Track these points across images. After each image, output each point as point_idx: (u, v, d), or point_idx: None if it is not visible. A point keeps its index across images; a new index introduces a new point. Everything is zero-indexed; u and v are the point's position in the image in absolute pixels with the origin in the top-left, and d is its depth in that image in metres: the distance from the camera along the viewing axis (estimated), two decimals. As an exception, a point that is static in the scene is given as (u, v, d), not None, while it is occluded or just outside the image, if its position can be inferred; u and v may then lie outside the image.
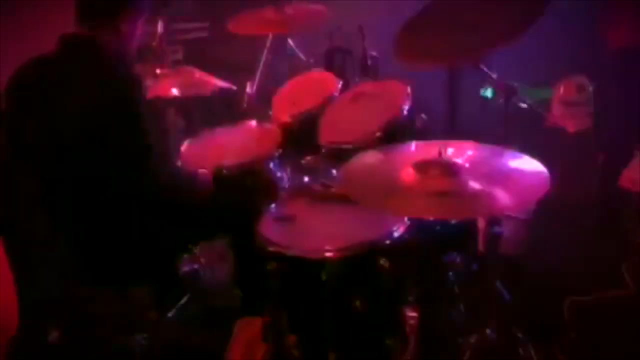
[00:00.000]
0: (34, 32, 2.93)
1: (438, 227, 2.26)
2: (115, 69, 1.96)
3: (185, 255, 2.66)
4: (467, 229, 2.26)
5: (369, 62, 2.40)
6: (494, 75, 2.12)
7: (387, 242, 1.85)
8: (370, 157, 1.89)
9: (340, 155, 2.10)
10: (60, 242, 2.13)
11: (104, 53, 1.95)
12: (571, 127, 2.90)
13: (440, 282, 2.30)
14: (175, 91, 2.84)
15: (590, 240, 2.69)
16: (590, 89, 2.97)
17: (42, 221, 2.14)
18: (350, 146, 2.16)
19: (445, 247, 2.29)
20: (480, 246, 2.17)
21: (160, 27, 2.90)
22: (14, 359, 1.83)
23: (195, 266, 2.66)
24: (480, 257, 2.20)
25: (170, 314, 2.52)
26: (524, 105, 2.24)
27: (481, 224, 2.13)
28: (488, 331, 2.10)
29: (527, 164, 1.75)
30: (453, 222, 2.27)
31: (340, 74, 2.55)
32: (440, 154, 1.71)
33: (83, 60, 1.94)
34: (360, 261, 1.85)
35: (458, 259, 2.35)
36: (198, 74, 2.97)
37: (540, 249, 2.71)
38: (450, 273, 2.35)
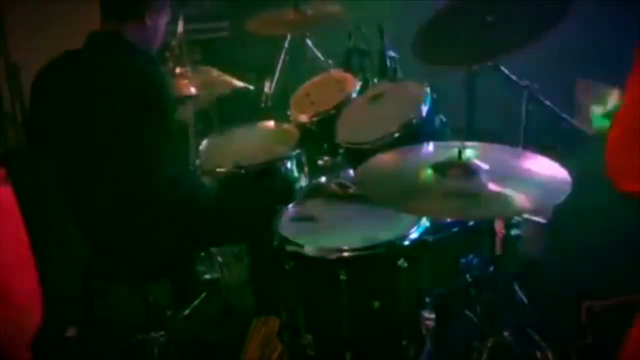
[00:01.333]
0: (59, 25, 2.98)
1: (456, 229, 2.27)
2: (144, 63, 1.98)
3: (203, 254, 2.69)
4: (484, 231, 2.26)
5: (388, 62, 2.39)
6: (514, 77, 2.11)
7: (406, 242, 1.85)
8: (388, 158, 1.88)
9: (358, 156, 2.10)
10: (79, 238, 2.15)
11: (132, 48, 1.97)
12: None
13: (457, 284, 2.30)
14: (193, 90, 2.85)
15: (609, 244, 2.66)
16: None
17: (62, 216, 2.17)
18: (368, 146, 2.17)
19: (462, 248, 2.29)
20: (498, 248, 2.16)
21: (179, 26, 2.91)
22: (32, 353, 1.85)
23: (216, 275, 2.68)
24: (497, 259, 2.19)
25: (187, 312, 2.54)
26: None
27: (499, 225, 2.12)
28: (505, 334, 2.09)
29: (548, 167, 1.74)
30: (471, 223, 2.28)
31: (358, 75, 2.54)
32: (459, 154, 1.70)
33: (112, 55, 1.96)
34: (379, 261, 1.84)
35: (475, 261, 2.35)
36: (216, 73, 2.98)
37: (558, 251, 2.69)
38: (467, 275, 2.35)
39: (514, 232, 2.01)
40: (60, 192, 2.11)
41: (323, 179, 2.30)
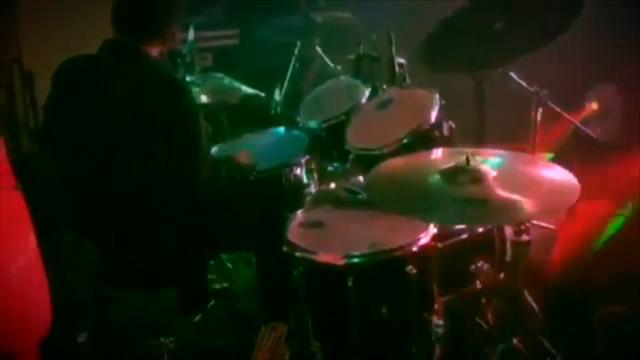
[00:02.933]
0: (74, 35, 3.02)
1: (465, 235, 2.26)
2: (165, 70, 2.03)
3: (212, 261, 2.70)
4: (494, 237, 2.24)
5: (397, 69, 2.40)
6: (524, 83, 2.10)
7: (414, 249, 1.85)
8: (397, 164, 1.89)
9: (367, 162, 2.11)
10: (91, 244, 2.17)
11: (147, 57, 2.00)
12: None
13: (467, 290, 2.28)
14: (204, 98, 2.87)
15: (622, 250, 2.63)
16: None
17: (74, 222, 2.18)
18: (377, 152, 2.17)
19: (472, 255, 2.27)
20: (508, 254, 2.15)
21: (190, 34, 2.94)
22: (44, 359, 1.86)
23: (226, 284, 2.69)
24: (508, 265, 2.18)
25: (197, 318, 2.54)
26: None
27: (509, 231, 2.11)
28: (515, 341, 2.07)
29: (557, 173, 1.73)
30: (480, 229, 2.27)
31: (368, 81, 2.55)
32: (467, 161, 1.70)
33: (130, 62, 1.98)
34: (387, 268, 1.84)
35: (485, 267, 2.34)
36: (227, 80, 3.01)
37: (570, 256, 2.67)
38: (477, 281, 2.34)
39: (523, 238, 1.99)
40: (75, 196, 2.12)
41: (332, 185, 2.30)
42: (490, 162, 1.76)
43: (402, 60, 2.41)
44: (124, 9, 2.01)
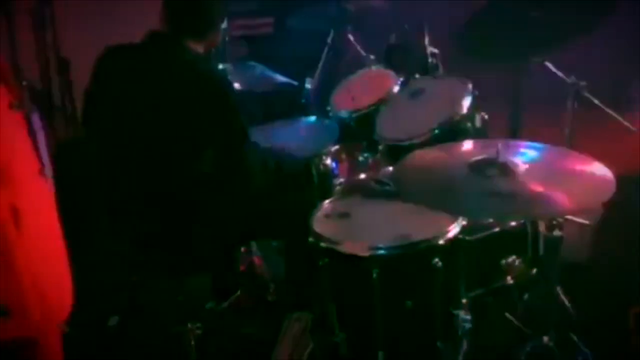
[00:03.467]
0: (109, 21, 3.06)
1: (497, 229, 2.22)
2: (206, 63, 2.06)
3: (243, 249, 2.71)
4: (527, 232, 2.19)
5: (430, 59, 2.36)
6: (561, 74, 2.04)
7: (441, 242, 1.81)
8: (426, 155, 1.86)
9: (397, 152, 2.08)
10: (122, 230, 2.20)
11: (190, 51, 2.01)
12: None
13: (497, 286, 2.24)
14: (237, 85, 2.87)
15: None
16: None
17: (109, 207, 2.21)
18: (407, 143, 2.14)
19: (504, 249, 2.23)
20: (541, 250, 2.10)
21: (224, 23, 2.93)
22: (75, 340, 1.90)
23: (252, 259, 2.70)
24: (540, 261, 2.13)
25: (225, 304, 2.56)
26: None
27: (542, 226, 2.05)
28: (545, 339, 2.02)
29: (592, 167, 1.68)
30: (513, 224, 2.22)
31: (400, 71, 2.51)
32: (497, 153, 1.66)
33: (174, 54, 2.00)
34: (413, 260, 1.82)
35: (517, 262, 2.29)
36: (260, 69, 3.00)
37: (605, 255, 2.60)
38: (509, 277, 2.29)
39: (556, 233, 1.94)
40: (107, 182, 2.15)
41: (362, 176, 2.28)
42: (522, 155, 1.72)
43: (435, 50, 2.37)
44: (175, 6, 2.02)
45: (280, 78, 2.98)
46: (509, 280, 2.27)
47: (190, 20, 2.02)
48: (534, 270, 2.21)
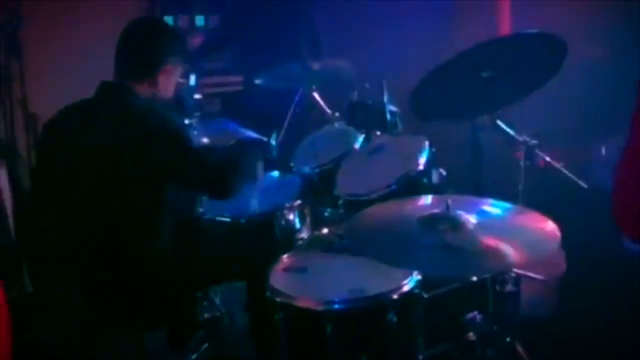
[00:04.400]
0: (78, 78, 3.10)
1: (457, 284, 2.23)
2: (151, 111, 2.02)
3: (206, 303, 2.68)
4: (488, 287, 2.20)
5: (389, 116, 2.42)
6: (511, 132, 2.10)
7: (395, 296, 1.82)
8: (380, 210, 1.88)
9: (357, 207, 2.10)
10: (77, 286, 2.16)
11: (135, 96, 2.02)
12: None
13: (458, 342, 2.23)
14: (205, 140, 2.90)
15: (622, 305, 2.57)
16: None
17: (62, 264, 2.19)
18: (365, 198, 2.17)
19: (466, 304, 2.23)
20: (497, 306, 2.11)
21: (192, 79, 3.00)
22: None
23: (217, 313, 2.67)
24: (502, 317, 2.13)
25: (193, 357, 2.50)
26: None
27: (495, 281, 2.07)
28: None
29: (539, 221, 1.71)
30: (474, 279, 2.23)
31: (361, 128, 2.57)
32: (447, 208, 1.69)
33: (118, 103, 2.00)
34: (368, 315, 1.82)
35: (478, 318, 2.29)
36: (229, 124, 3.04)
37: (571, 312, 2.61)
38: (471, 333, 2.28)
39: (509, 288, 1.95)
40: (63, 237, 2.13)
41: (325, 230, 2.30)
42: (472, 210, 1.75)
43: (393, 108, 2.43)
44: (118, 49, 2.05)
45: (249, 133, 3.02)
46: (471, 336, 2.27)
47: (131, 57, 2.04)
48: (495, 327, 2.21)
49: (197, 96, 3.10)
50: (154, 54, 2.05)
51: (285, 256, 2.10)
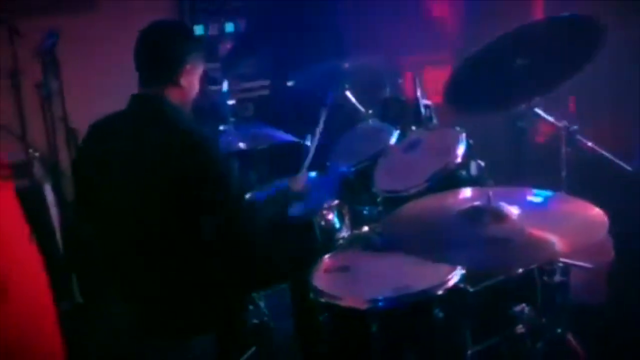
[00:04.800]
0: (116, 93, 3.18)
1: (502, 277, 2.19)
2: (180, 119, 2.03)
3: (252, 308, 2.69)
4: (535, 279, 2.16)
5: (423, 110, 2.39)
6: (551, 119, 2.05)
7: (440, 292, 1.80)
8: (420, 205, 1.86)
9: (396, 204, 2.08)
10: (124, 294, 2.20)
11: (172, 108, 2.03)
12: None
13: (507, 336, 2.20)
14: (241, 145, 2.93)
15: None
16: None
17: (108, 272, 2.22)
18: (404, 194, 2.15)
19: (513, 297, 2.19)
20: (546, 297, 2.06)
21: (224, 86, 3.03)
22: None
23: (264, 318, 2.68)
24: (551, 308, 2.09)
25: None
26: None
27: (544, 272, 2.03)
28: (559, 388, 1.97)
29: (584, 208, 1.67)
30: (519, 271, 2.19)
31: (396, 124, 2.55)
32: (489, 200, 1.66)
33: (151, 114, 2.01)
34: (412, 312, 1.80)
35: (526, 310, 2.25)
36: (263, 128, 3.06)
37: (621, 300, 2.54)
38: (520, 325, 2.24)
39: (557, 278, 1.91)
40: (108, 248, 2.17)
41: (365, 229, 2.29)
42: (515, 200, 1.72)
43: (427, 102, 2.40)
44: (136, 56, 2.05)
45: (283, 136, 3.03)
46: (520, 329, 2.23)
47: (149, 67, 2.03)
48: (544, 318, 2.17)
49: (230, 102, 3.13)
50: (172, 57, 2.03)
51: (326, 256, 2.10)
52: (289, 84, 3.04)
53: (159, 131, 1.97)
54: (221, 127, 2.85)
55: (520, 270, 2.17)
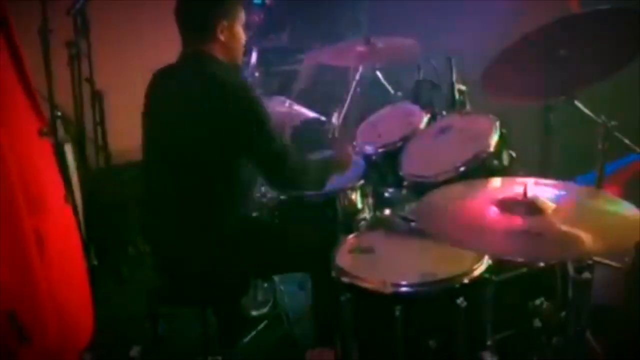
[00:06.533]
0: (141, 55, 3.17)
1: (524, 269, 2.17)
2: (230, 75, 2.12)
3: (266, 284, 2.70)
4: (555, 273, 2.14)
5: (457, 95, 2.35)
6: (589, 112, 2.01)
7: (465, 281, 1.78)
8: (451, 192, 1.83)
9: (422, 189, 2.06)
10: (149, 260, 2.21)
11: (217, 62, 2.11)
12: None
13: (524, 328, 2.18)
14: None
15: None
16: None
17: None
18: (432, 180, 2.12)
19: (532, 291, 2.18)
20: (570, 292, 2.04)
21: (253, 57, 2.99)
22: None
23: (277, 295, 2.70)
24: (570, 304, 2.06)
25: (246, 339, 2.55)
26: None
27: (571, 268, 2.00)
28: (574, 384, 1.95)
29: (622, 208, 1.63)
30: (541, 264, 2.17)
31: (427, 107, 2.51)
32: (525, 193, 1.63)
33: (200, 69, 2.10)
34: (437, 298, 1.79)
35: (545, 305, 2.23)
36: (288, 103, 3.03)
37: (638, 298, 2.51)
38: (537, 319, 2.23)
39: (585, 275, 1.88)
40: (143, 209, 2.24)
41: (387, 211, 2.27)
42: (550, 194, 1.69)
43: (462, 87, 2.36)
44: (175, 17, 2.13)
45: (308, 112, 3.00)
46: (537, 322, 2.22)
47: (187, 28, 2.12)
48: (563, 313, 2.15)
49: (255, 74, 3.10)
50: (204, 17, 2.10)
51: (350, 236, 2.08)
52: (318, 59, 2.99)
53: (199, 84, 2.08)
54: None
55: (542, 263, 2.15)
